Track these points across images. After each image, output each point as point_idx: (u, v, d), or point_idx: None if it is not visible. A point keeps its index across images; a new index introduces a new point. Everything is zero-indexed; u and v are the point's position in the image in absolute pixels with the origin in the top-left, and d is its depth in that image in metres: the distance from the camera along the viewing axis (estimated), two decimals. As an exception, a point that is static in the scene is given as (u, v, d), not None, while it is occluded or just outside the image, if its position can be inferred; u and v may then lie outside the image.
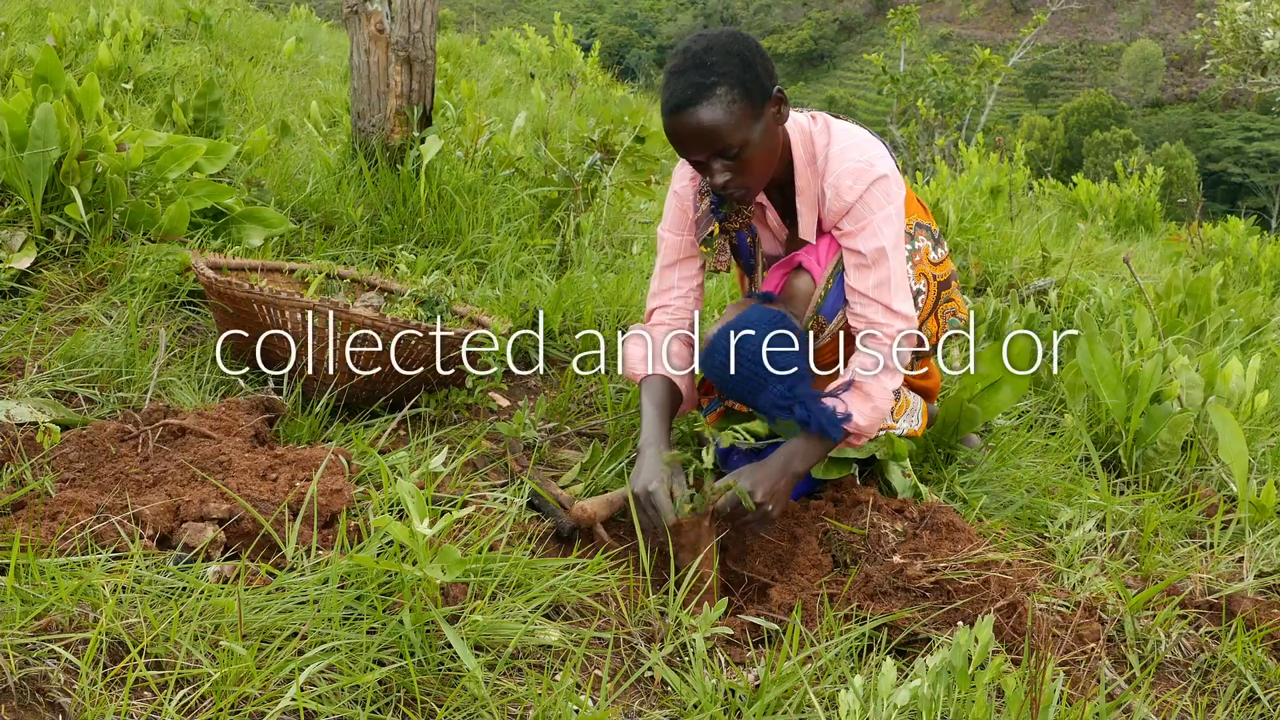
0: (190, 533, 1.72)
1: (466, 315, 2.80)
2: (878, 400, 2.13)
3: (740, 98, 2.04)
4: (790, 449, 2.11)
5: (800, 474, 2.11)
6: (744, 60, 2.05)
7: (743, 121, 2.05)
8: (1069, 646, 1.89)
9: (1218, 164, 57.03)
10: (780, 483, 2.07)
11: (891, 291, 2.14)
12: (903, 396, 2.40)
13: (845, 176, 2.14)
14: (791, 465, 2.10)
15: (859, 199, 2.13)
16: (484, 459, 2.38)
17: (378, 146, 3.68)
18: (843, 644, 1.79)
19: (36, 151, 2.77)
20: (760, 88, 2.07)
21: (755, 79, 2.06)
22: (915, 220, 2.30)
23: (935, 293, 2.31)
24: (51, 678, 1.36)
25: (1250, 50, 15.24)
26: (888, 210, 2.13)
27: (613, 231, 4.15)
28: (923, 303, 2.28)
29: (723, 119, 2.02)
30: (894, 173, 2.17)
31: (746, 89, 2.04)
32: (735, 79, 2.03)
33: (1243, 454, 2.48)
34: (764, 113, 2.08)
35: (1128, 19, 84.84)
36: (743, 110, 2.04)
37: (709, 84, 2.02)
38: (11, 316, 2.56)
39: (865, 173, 2.13)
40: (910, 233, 2.28)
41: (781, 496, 2.08)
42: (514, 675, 1.64)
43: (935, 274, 2.31)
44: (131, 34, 5.22)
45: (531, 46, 10.66)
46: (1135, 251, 6.48)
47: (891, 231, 2.13)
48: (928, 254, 2.30)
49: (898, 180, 2.17)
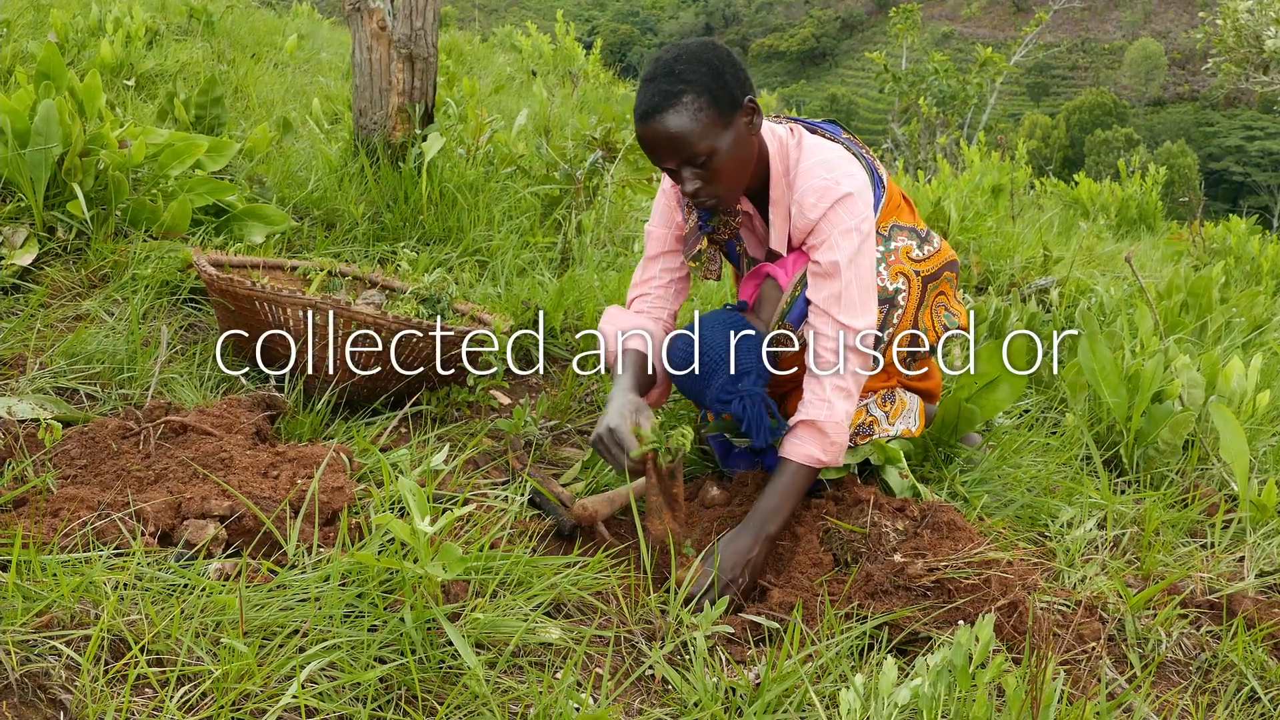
0: (192, 530, 1.73)
1: (468, 313, 2.80)
2: (833, 434, 2.13)
3: (707, 105, 2.04)
4: (762, 512, 2.09)
5: (775, 535, 2.09)
6: (713, 69, 2.06)
7: (709, 130, 2.05)
8: (1070, 645, 1.89)
9: (1219, 163, 56.98)
10: (754, 553, 2.05)
11: (843, 305, 2.13)
12: (899, 398, 2.40)
13: (809, 194, 2.15)
14: (766, 529, 2.07)
15: (822, 216, 2.14)
16: (485, 457, 2.38)
17: (379, 144, 3.68)
18: (844, 643, 1.79)
19: (39, 148, 2.77)
20: (729, 97, 2.07)
21: (724, 88, 2.06)
22: (892, 223, 2.30)
23: (920, 288, 2.30)
24: (53, 674, 1.36)
25: (1252, 49, 15.23)
26: (848, 225, 2.12)
27: (614, 229, 4.15)
28: (904, 300, 2.27)
29: (689, 126, 2.04)
30: (861, 190, 2.16)
31: (714, 97, 2.05)
32: (703, 87, 2.04)
33: (1244, 453, 2.48)
34: (734, 122, 2.08)
35: (1130, 17, 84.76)
36: (709, 118, 2.05)
37: (676, 91, 2.04)
38: (13, 313, 2.56)
39: (829, 191, 2.13)
40: (885, 235, 2.28)
41: (756, 566, 2.05)
42: (515, 673, 1.65)
43: (919, 270, 2.30)
44: (134, 31, 5.22)
45: (533, 44, 10.65)
46: (1137, 250, 6.47)
47: (849, 246, 2.12)
48: (908, 252, 2.29)
49: (865, 198, 2.16)
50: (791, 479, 2.13)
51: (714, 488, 2.29)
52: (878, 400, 2.37)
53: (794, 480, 2.13)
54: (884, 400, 2.38)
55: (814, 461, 2.13)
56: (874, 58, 14.07)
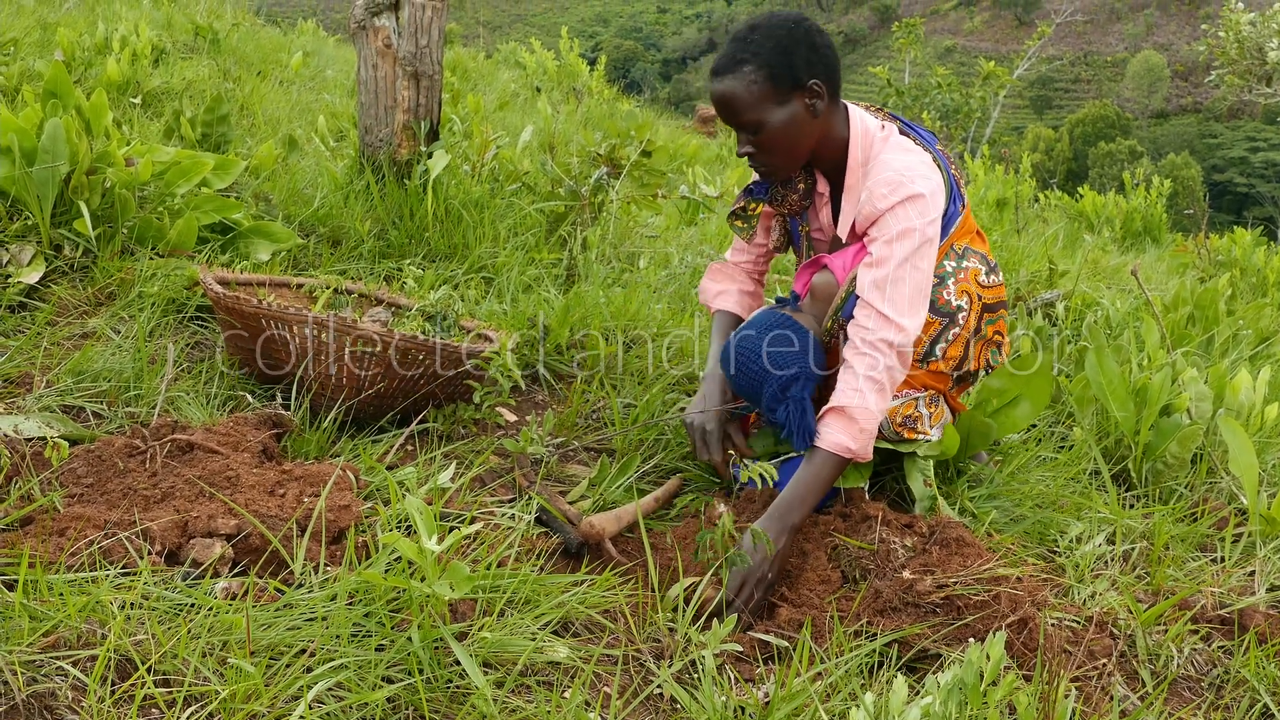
0: (198, 549, 1.72)
1: (474, 330, 2.80)
2: (863, 421, 2.10)
3: (763, 80, 2.12)
4: (785, 501, 2.08)
5: (799, 525, 2.07)
6: (781, 47, 2.12)
7: (759, 103, 2.13)
8: (1081, 662, 1.88)
9: (1223, 174, 57.02)
10: (779, 543, 2.04)
11: (890, 300, 2.12)
12: (942, 405, 2.41)
13: (881, 185, 2.17)
14: (789, 519, 2.06)
15: (889, 209, 2.14)
16: (492, 474, 2.37)
17: (385, 161, 3.68)
18: (853, 661, 1.78)
19: (45, 166, 2.77)
20: (791, 75, 2.13)
21: (788, 66, 2.13)
22: (965, 244, 2.33)
23: (979, 313, 2.31)
24: (59, 695, 1.36)
25: (1255, 61, 15.24)
26: (912, 224, 2.13)
27: (620, 245, 4.15)
28: (963, 320, 2.28)
29: (741, 95, 2.13)
30: (933, 195, 2.16)
31: (773, 73, 2.12)
32: (764, 61, 2.12)
33: (1253, 467, 2.47)
34: (790, 100, 2.15)
35: (1132, 30, 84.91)
36: (763, 92, 2.13)
37: (740, 59, 2.13)
38: (20, 331, 2.56)
39: (901, 186, 2.14)
40: (959, 254, 2.30)
41: (781, 556, 2.04)
42: (523, 692, 1.64)
43: (982, 295, 2.31)
44: (140, 49, 5.24)
45: (538, 60, 10.70)
46: (1142, 263, 6.47)
47: (908, 244, 2.12)
48: (976, 275, 2.31)
49: (935, 203, 2.17)
50: (819, 468, 2.10)
51: (721, 505, 2.28)
52: (927, 400, 2.36)
53: (821, 470, 2.10)
54: (931, 401, 2.37)
55: (843, 450, 2.10)
56: (877, 72, 14.09)
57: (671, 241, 4.55)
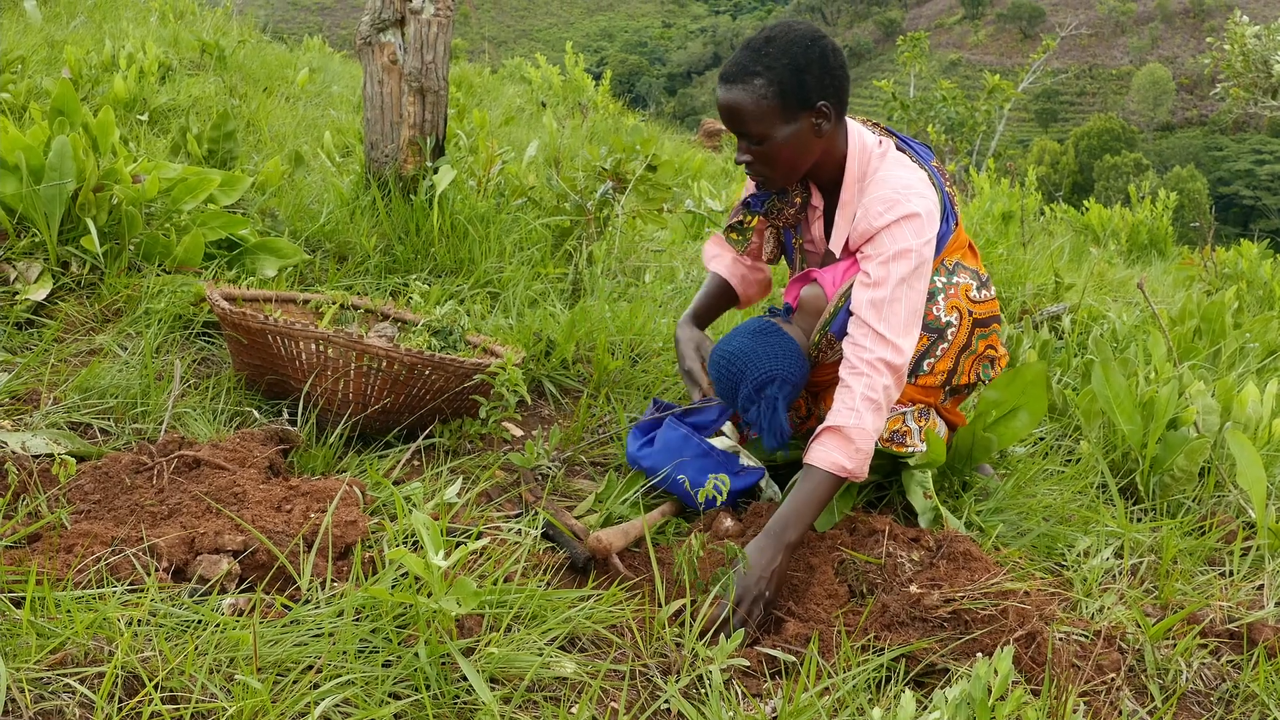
0: (205, 565, 1.72)
1: (480, 345, 2.80)
2: (859, 441, 2.10)
3: (772, 96, 2.11)
4: (781, 519, 2.07)
5: (795, 543, 2.06)
6: (796, 65, 2.12)
7: (766, 117, 2.13)
8: (1089, 677, 1.87)
9: (1229, 187, 57.01)
10: (776, 562, 2.02)
11: (885, 319, 2.12)
12: (933, 418, 2.41)
13: (877, 203, 2.17)
14: (785, 537, 2.05)
15: (885, 227, 2.15)
16: (498, 490, 2.37)
17: (391, 176, 3.70)
18: (860, 675, 1.78)
19: (53, 184, 2.79)
20: (801, 95, 2.13)
21: (799, 85, 2.12)
22: (956, 260, 2.33)
23: (969, 328, 2.31)
24: (67, 712, 1.36)
25: (1260, 74, 15.25)
26: (907, 245, 2.13)
27: (625, 260, 4.15)
28: (952, 335, 2.28)
29: (749, 107, 2.13)
30: (929, 215, 2.16)
31: (784, 90, 2.11)
32: (776, 77, 2.11)
33: (1261, 480, 2.46)
34: (798, 118, 2.15)
35: (1137, 43, 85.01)
36: (770, 107, 2.12)
37: (752, 71, 2.13)
38: (27, 348, 2.57)
39: (898, 205, 2.15)
40: (949, 269, 2.31)
41: (779, 574, 2.03)
42: (530, 708, 1.63)
43: (973, 310, 2.31)
44: (147, 66, 5.27)
45: (543, 75, 10.73)
46: (1148, 276, 6.47)
47: (904, 265, 2.13)
48: (967, 290, 2.31)
49: (931, 224, 2.17)
50: (814, 487, 2.09)
51: (728, 519, 2.28)
52: (915, 414, 2.36)
53: (816, 488, 2.09)
54: (920, 415, 2.37)
55: (839, 469, 2.09)
56: (882, 86, 14.13)
57: (677, 256, 4.56)
